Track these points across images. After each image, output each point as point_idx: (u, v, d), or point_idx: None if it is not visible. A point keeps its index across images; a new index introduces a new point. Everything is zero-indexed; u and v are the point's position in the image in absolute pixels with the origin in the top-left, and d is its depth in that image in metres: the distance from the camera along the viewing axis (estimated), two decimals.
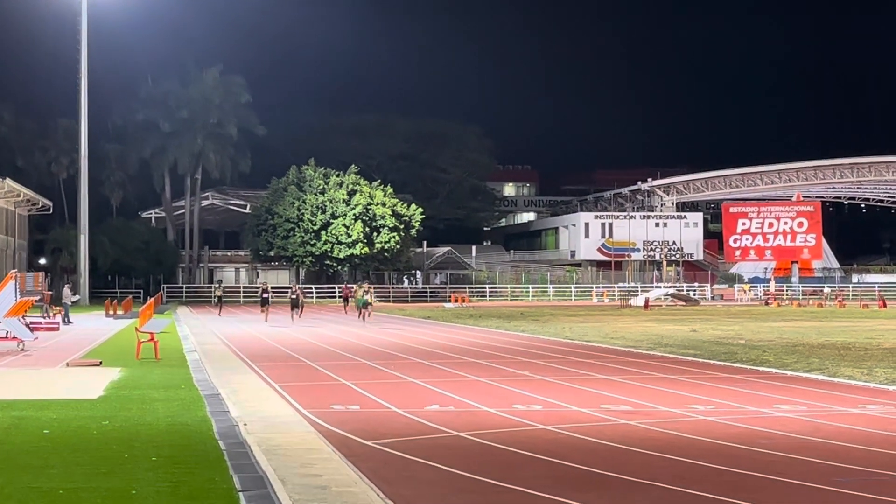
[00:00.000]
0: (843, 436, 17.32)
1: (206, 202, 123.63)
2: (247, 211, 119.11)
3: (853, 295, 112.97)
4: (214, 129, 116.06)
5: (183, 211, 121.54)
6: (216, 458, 14.85)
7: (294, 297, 61.08)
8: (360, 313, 60.06)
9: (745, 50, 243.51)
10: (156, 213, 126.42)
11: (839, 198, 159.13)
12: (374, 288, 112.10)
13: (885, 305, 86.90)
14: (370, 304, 58.87)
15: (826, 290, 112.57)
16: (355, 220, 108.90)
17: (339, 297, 72.22)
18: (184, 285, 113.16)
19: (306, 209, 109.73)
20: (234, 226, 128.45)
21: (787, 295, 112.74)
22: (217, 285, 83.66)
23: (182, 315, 69.58)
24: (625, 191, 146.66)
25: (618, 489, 13.07)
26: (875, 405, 21.29)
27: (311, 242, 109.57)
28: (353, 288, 76.07)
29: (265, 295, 62.23)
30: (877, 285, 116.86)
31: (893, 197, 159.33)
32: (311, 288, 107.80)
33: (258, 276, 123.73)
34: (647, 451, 15.78)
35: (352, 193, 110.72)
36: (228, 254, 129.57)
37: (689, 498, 12.56)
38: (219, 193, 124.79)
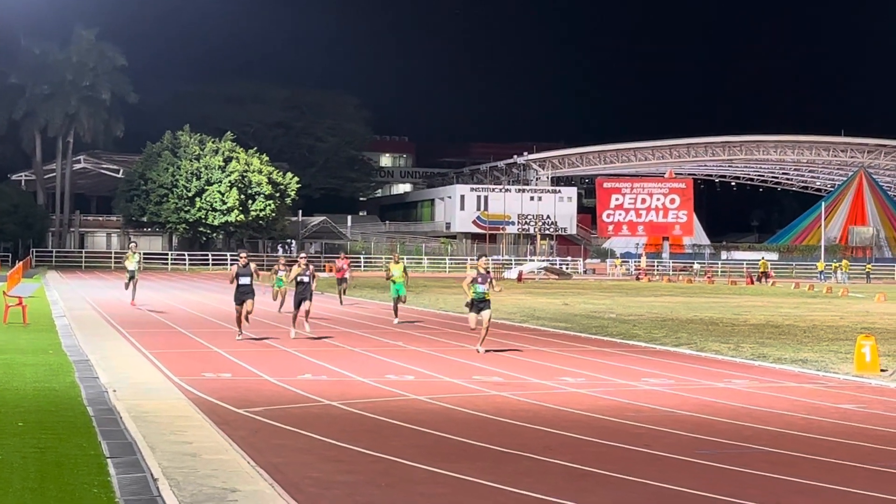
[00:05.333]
0: (708, 409, 17.64)
1: (78, 166, 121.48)
2: (119, 176, 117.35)
3: (722, 271, 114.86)
4: (87, 93, 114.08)
5: (54, 174, 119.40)
6: (84, 425, 14.69)
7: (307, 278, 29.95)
8: (395, 309, 36.66)
9: (619, 26, 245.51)
10: (26, 175, 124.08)
11: (711, 175, 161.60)
12: (250, 256, 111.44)
13: (752, 282, 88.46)
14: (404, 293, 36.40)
15: (696, 266, 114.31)
16: (231, 187, 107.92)
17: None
18: (53, 250, 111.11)
19: (181, 175, 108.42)
20: (107, 190, 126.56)
21: (657, 270, 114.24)
22: (131, 250, 44.82)
23: (51, 280, 68.47)
24: (501, 164, 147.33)
25: (488, 459, 13.18)
26: (741, 380, 21.71)
27: (185, 209, 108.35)
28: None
29: (305, 277, 29.93)
30: (745, 262, 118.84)
31: (763, 176, 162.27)
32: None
33: (130, 241, 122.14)
34: (517, 423, 15.93)
35: (227, 160, 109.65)
36: (100, 219, 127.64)
37: (557, 468, 12.71)
38: (91, 157, 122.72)
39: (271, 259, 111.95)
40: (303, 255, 32.05)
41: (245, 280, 28.65)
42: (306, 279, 29.76)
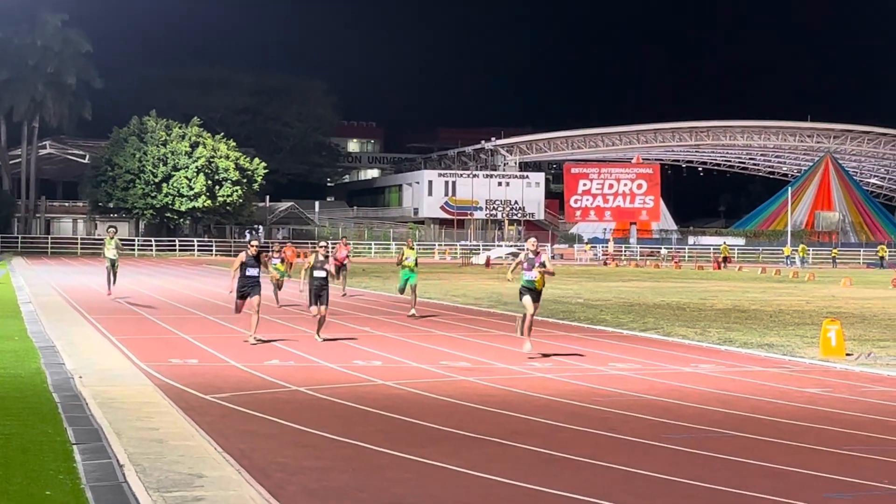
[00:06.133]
0: (675, 394, 17.70)
1: (43, 152, 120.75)
2: (86, 161, 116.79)
3: (689, 257, 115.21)
4: (53, 78, 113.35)
5: (19, 160, 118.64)
6: (50, 411, 14.61)
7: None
8: (412, 302, 33.54)
9: (588, 12, 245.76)
10: None
11: (678, 161, 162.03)
12: (217, 243, 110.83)
13: (719, 267, 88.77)
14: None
15: (663, 251, 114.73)
16: (198, 172, 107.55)
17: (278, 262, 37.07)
18: (19, 235, 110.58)
19: (148, 161, 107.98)
20: (73, 176, 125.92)
21: (625, 256, 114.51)
22: (109, 235, 39.99)
23: (17, 266, 68.13)
24: (469, 149, 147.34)
25: (454, 444, 13.18)
26: (707, 364, 21.78)
27: (152, 194, 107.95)
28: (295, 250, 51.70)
29: (322, 271, 24.89)
30: (712, 247, 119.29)
31: (730, 161, 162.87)
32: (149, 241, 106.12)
33: (96, 228, 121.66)
34: (484, 407, 15.94)
35: (194, 146, 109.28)
36: (66, 204, 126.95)
37: (523, 453, 12.72)
38: (57, 143, 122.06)
39: (238, 245, 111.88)
40: (322, 243, 26.08)
41: (252, 272, 24.36)
42: (324, 273, 24.71)
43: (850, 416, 15.83)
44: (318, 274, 24.54)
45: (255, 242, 24.75)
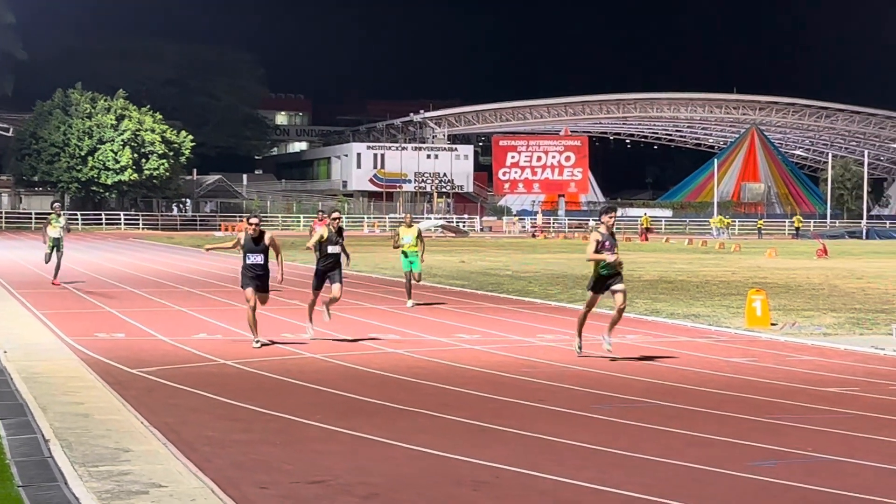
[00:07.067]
0: (603, 364, 17.80)
1: None
2: (9, 134, 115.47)
3: (617, 228, 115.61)
4: None
5: None
6: None
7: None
8: (407, 289, 28.05)
9: None
10: None
11: (605, 133, 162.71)
12: (144, 217, 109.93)
13: (646, 239, 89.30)
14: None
15: (591, 223, 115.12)
16: (123, 145, 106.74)
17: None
18: None
19: (72, 134, 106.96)
20: None
21: (553, 228, 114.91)
22: (55, 211, 33.85)
23: None
24: (397, 122, 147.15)
25: (384, 416, 13.18)
26: (634, 335, 21.93)
27: (78, 168, 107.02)
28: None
29: (335, 247, 20.92)
30: (639, 219, 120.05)
31: (657, 133, 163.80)
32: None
33: (21, 202, 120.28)
34: (414, 380, 15.95)
35: (120, 119, 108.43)
36: None
37: (453, 424, 12.74)
38: None
39: (166, 219, 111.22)
40: (335, 213, 21.80)
41: (255, 259, 19.50)
42: (336, 249, 20.90)
43: (776, 384, 16.00)
44: (332, 250, 20.85)
45: (253, 220, 19.67)
